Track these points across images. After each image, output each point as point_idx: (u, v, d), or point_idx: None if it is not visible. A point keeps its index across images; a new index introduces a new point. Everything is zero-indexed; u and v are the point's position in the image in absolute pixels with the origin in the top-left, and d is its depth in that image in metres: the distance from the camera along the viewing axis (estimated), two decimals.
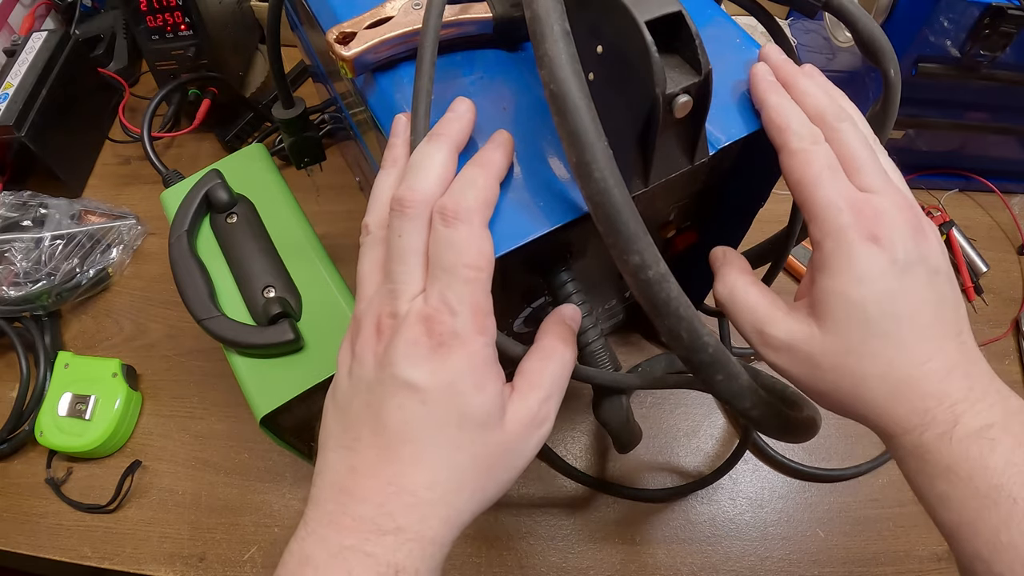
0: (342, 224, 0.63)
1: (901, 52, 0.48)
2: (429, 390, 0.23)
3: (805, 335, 0.26)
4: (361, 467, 0.24)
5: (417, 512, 0.23)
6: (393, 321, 0.24)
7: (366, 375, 0.25)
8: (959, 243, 0.63)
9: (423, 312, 0.24)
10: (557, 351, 0.28)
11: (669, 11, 0.24)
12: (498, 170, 0.26)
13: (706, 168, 0.38)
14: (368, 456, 0.24)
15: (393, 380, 0.23)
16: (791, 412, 0.29)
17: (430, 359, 0.23)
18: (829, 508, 0.51)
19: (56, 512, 0.50)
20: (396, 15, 0.32)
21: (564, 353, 0.28)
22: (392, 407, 0.24)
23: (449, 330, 0.23)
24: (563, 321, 0.29)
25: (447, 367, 0.23)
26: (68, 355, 0.53)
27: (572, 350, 0.28)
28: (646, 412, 0.55)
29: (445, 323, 0.23)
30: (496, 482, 0.25)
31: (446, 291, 0.23)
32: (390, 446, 0.24)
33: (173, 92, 0.63)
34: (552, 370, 0.27)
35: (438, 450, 0.24)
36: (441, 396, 0.23)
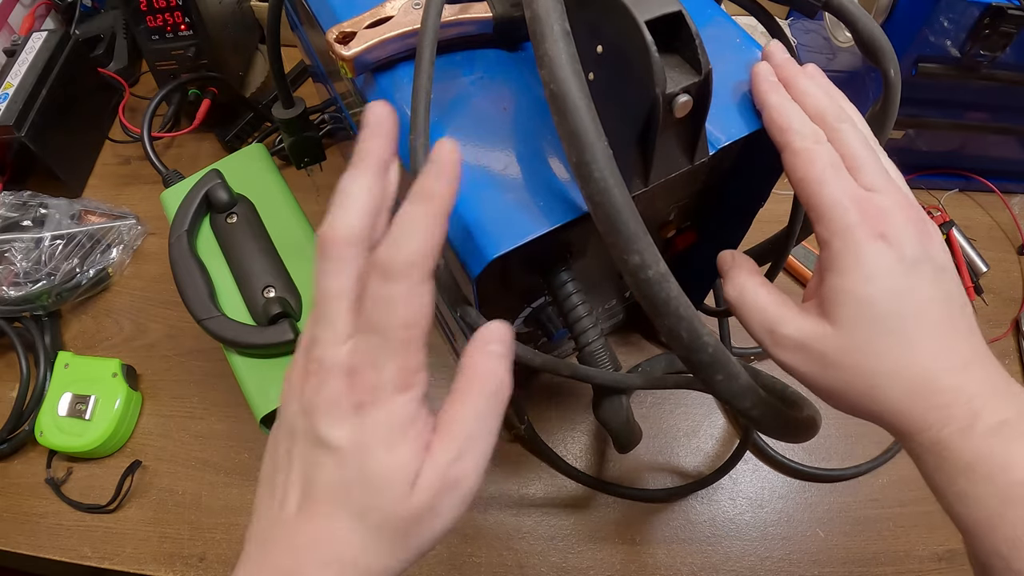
0: None
1: (901, 52, 0.48)
2: (344, 451, 0.22)
3: (817, 334, 0.26)
4: (283, 517, 0.23)
5: (330, 572, 0.22)
6: (318, 367, 0.23)
7: (291, 420, 0.24)
8: (959, 243, 0.63)
9: (348, 364, 0.22)
10: (472, 391, 0.24)
11: (669, 11, 0.24)
12: (444, 205, 0.22)
13: (706, 168, 0.38)
14: (290, 506, 0.23)
15: (314, 435, 0.22)
16: (791, 412, 0.29)
17: (349, 418, 0.22)
18: (829, 508, 0.51)
19: (56, 512, 0.50)
20: (396, 15, 0.32)
21: (481, 391, 0.24)
22: (311, 463, 0.23)
23: (371, 387, 0.22)
24: (483, 348, 0.25)
25: (364, 427, 0.22)
26: (68, 355, 0.53)
27: (495, 382, 0.24)
28: (646, 412, 0.55)
29: (367, 379, 0.22)
30: (410, 548, 0.23)
31: (375, 348, 0.22)
32: (308, 502, 0.23)
33: (173, 92, 0.63)
34: (465, 417, 0.24)
35: (350, 513, 0.22)
36: (354, 458, 0.22)
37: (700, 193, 0.40)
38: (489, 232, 0.28)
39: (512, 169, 0.30)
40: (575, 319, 0.33)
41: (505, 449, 0.53)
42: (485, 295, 0.35)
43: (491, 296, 0.36)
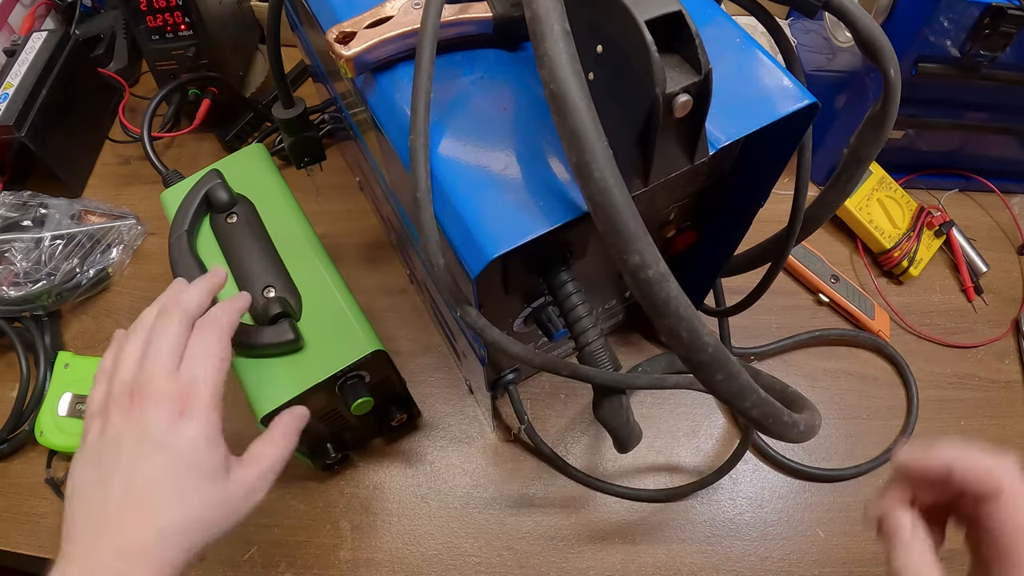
0: (342, 224, 0.63)
1: (901, 52, 0.48)
2: (172, 448, 0.30)
3: None
4: (108, 513, 0.28)
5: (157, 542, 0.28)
6: (148, 381, 0.31)
7: (119, 434, 0.30)
8: (959, 243, 0.63)
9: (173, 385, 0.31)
10: (279, 441, 0.34)
11: (669, 11, 0.24)
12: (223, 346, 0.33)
13: (706, 168, 0.38)
14: (114, 502, 0.29)
15: (143, 436, 0.30)
16: (791, 412, 0.29)
17: (176, 422, 0.30)
18: (829, 508, 0.51)
19: (56, 512, 0.50)
20: (396, 15, 0.32)
21: (286, 445, 0.35)
22: (142, 460, 0.29)
23: (192, 402, 0.31)
24: (295, 418, 0.36)
25: (188, 430, 0.30)
26: (68, 355, 0.53)
27: (292, 443, 0.35)
28: (646, 412, 0.55)
29: (189, 396, 0.31)
30: (218, 526, 0.30)
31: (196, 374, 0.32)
32: (136, 495, 0.29)
33: (173, 92, 0.63)
34: (272, 454, 0.34)
35: (179, 496, 0.29)
36: (184, 454, 0.30)
37: (700, 193, 0.40)
38: (489, 232, 0.28)
39: (512, 169, 0.30)
40: (575, 319, 0.33)
41: (505, 449, 0.53)
42: (485, 295, 0.35)
43: (491, 296, 0.36)
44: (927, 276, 0.63)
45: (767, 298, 0.44)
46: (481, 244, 0.28)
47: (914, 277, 0.62)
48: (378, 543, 0.49)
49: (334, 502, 0.51)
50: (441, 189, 0.30)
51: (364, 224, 0.64)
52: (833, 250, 0.64)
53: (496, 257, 0.27)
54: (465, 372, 0.54)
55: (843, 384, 0.57)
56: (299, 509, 0.50)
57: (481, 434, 0.54)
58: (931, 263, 0.63)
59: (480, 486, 0.51)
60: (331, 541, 0.49)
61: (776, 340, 0.57)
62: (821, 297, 0.60)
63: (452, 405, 0.55)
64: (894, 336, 0.59)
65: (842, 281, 0.60)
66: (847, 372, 0.57)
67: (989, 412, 0.56)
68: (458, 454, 0.53)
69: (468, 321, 0.30)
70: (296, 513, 0.50)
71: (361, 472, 0.52)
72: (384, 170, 0.44)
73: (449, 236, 0.30)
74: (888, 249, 0.61)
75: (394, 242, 0.61)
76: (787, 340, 0.57)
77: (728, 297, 0.55)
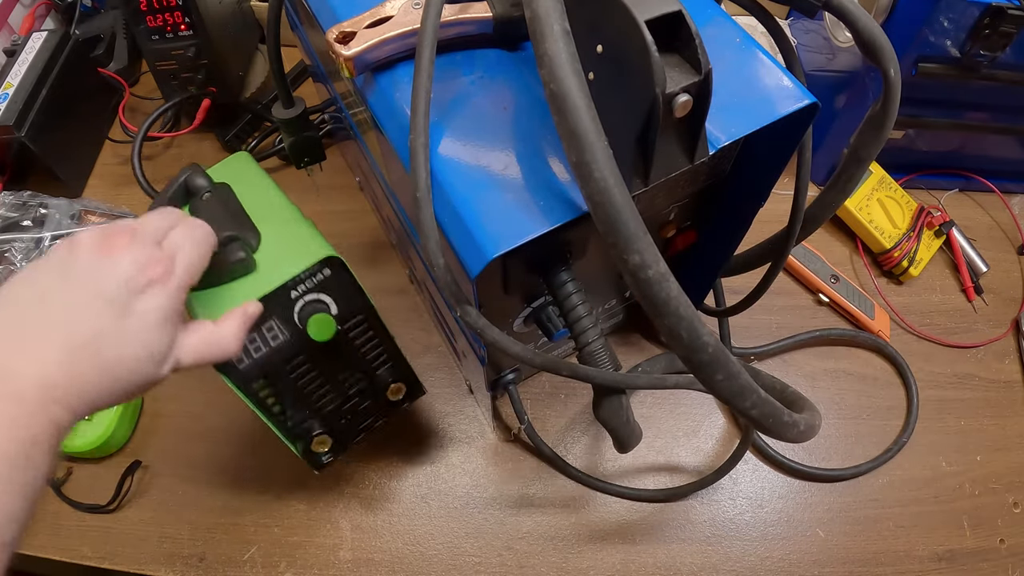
0: (342, 224, 0.63)
1: (901, 52, 0.48)
2: (126, 313, 0.28)
3: None
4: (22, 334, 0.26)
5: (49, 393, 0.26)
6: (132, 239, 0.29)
7: (80, 267, 0.28)
8: (959, 243, 0.63)
9: (158, 252, 0.30)
10: (223, 328, 0.32)
11: (669, 10, 0.24)
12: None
13: (706, 168, 0.38)
14: (31, 330, 0.26)
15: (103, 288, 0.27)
16: (791, 412, 0.29)
17: (144, 287, 0.28)
18: (829, 508, 0.51)
19: (56, 512, 0.50)
20: (396, 14, 0.32)
21: (231, 334, 0.32)
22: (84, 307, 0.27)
23: (166, 273, 0.29)
24: (243, 311, 0.33)
25: (151, 303, 0.28)
26: None
27: (237, 336, 0.32)
28: (646, 412, 0.55)
29: (167, 266, 0.29)
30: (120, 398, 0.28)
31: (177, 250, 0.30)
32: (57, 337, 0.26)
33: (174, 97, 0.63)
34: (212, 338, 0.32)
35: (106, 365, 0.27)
36: (131, 323, 0.28)
37: (700, 193, 0.40)
38: (489, 232, 0.28)
39: (512, 169, 0.30)
40: (575, 319, 0.33)
41: (505, 449, 0.53)
42: (485, 295, 0.35)
43: (491, 296, 0.36)
44: (927, 276, 0.63)
45: (767, 298, 0.44)
46: (481, 244, 0.28)
47: (914, 277, 0.62)
48: (378, 543, 0.49)
49: (334, 502, 0.51)
50: (441, 189, 0.30)
51: (364, 224, 0.64)
52: (833, 250, 0.64)
53: (496, 257, 0.27)
54: (465, 372, 0.54)
55: (843, 384, 0.57)
56: (299, 509, 0.50)
57: (481, 434, 0.54)
58: (931, 263, 0.63)
59: (480, 486, 0.51)
60: (331, 541, 0.49)
61: (776, 340, 0.57)
62: (821, 297, 0.60)
63: (452, 405, 0.55)
64: (894, 336, 0.59)
65: (842, 281, 0.60)
66: (847, 372, 0.57)
67: (989, 412, 0.56)
68: (458, 454, 0.53)
69: (468, 321, 0.30)
70: (296, 513, 0.50)
71: (361, 472, 0.52)
72: (384, 170, 0.44)
73: (449, 236, 0.30)
74: (888, 249, 0.61)
75: (394, 242, 0.61)
76: (787, 340, 0.57)
77: (728, 297, 0.55)
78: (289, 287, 0.36)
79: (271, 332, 0.37)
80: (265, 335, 0.37)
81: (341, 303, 0.38)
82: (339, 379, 0.41)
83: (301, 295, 0.37)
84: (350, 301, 0.39)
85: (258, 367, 0.37)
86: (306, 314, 0.36)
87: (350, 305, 0.39)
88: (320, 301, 0.37)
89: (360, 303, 0.39)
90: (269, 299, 0.36)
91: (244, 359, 0.37)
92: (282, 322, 0.37)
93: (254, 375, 0.38)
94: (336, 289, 0.38)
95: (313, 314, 0.36)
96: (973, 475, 0.53)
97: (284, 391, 0.39)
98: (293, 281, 0.36)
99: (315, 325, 0.36)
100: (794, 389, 0.37)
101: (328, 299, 0.38)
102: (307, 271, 0.36)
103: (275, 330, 0.37)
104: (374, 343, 0.42)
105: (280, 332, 0.37)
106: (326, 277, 0.37)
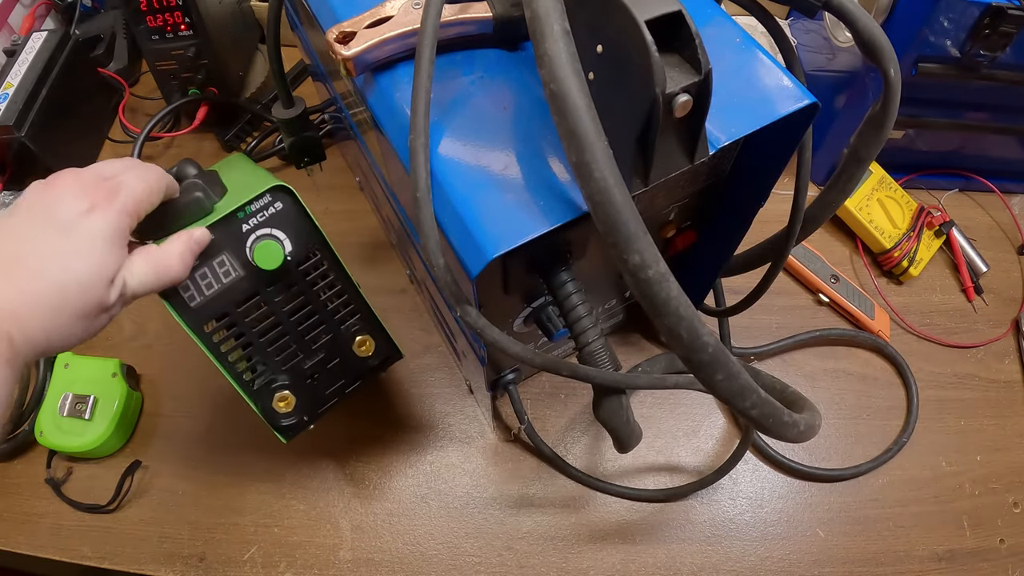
0: (342, 224, 0.63)
1: (901, 52, 0.48)
2: (72, 227, 0.29)
3: None
4: None
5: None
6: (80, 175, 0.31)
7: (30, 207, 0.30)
8: (959, 243, 0.63)
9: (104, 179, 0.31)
10: (168, 248, 0.33)
11: (669, 10, 0.24)
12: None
13: (706, 168, 0.38)
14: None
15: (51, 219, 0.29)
16: (791, 412, 0.29)
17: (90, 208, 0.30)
18: (829, 508, 0.51)
19: (56, 512, 0.50)
20: (396, 14, 0.32)
21: (178, 256, 0.33)
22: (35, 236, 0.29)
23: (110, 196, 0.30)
24: (190, 235, 0.34)
25: (96, 223, 0.30)
26: (68, 355, 0.53)
27: (184, 260, 0.33)
28: (646, 412, 0.55)
29: (111, 189, 0.31)
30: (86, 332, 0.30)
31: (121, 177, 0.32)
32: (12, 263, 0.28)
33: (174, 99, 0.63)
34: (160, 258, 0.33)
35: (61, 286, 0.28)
36: (81, 243, 0.29)
37: (700, 193, 0.40)
38: (489, 232, 0.28)
39: (512, 169, 0.30)
40: (575, 319, 0.33)
41: (505, 449, 0.53)
42: (485, 295, 0.35)
43: (491, 296, 0.36)
44: (927, 276, 0.63)
45: (767, 298, 0.44)
46: (481, 244, 0.28)
47: (914, 277, 0.62)
48: (378, 543, 0.49)
49: (334, 502, 0.51)
50: (441, 189, 0.30)
51: (364, 224, 0.64)
52: (833, 250, 0.64)
53: (496, 257, 0.27)
54: (465, 372, 0.54)
55: (843, 384, 0.57)
56: (299, 509, 0.50)
57: (481, 434, 0.54)
58: (931, 263, 0.63)
59: (480, 486, 0.51)
60: (331, 541, 0.49)
61: (776, 340, 0.57)
62: (821, 297, 0.60)
63: (452, 405, 0.55)
64: (894, 336, 0.59)
65: (842, 281, 0.60)
66: (847, 372, 0.57)
67: (989, 412, 0.56)
68: (458, 454, 0.53)
69: (468, 321, 0.30)
70: (296, 513, 0.50)
71: (361, 472, 0.52)
72: (384, 170, 0.44)
73: (449, 236, 0.30)
74: (888, 249, 0.61)
75: (394, 242, 0.61)
76: (787, 340, 0.57)
77: (728, 297, 0.55)
78: (240, 220, 0.36)
79: (223, 267, 0.37)
80: (217, 270, 0.36)
81: (294, 239, 0.38)
82: (300, 329, 0.40)
83: (253, 229, 0.37)
84: (303, 236, 0.38)
85: (211, 306, 0.37)
86: (255, 246, 0.36)
87: (303, 239, 0.38)
88: (273, 236, 0.37)
89: (314, 238, 0.38)
90: (218, 228, 0.36)
91: (196, 296, 0.36)
92: (234, 258, 0.37)
93: (207, 314, 0.37)
94: (289, 225, 0.37)
95: (263, 245, 0.36)
96: (973, 475, 0.53)
97: (242, 339, 0.38)
98: (244, 214, 0.36)
99: (261, 252, 0.36)
100: (794, 389, 0.37)
101: (281, 234, 0.37)
102: (256, 200, 0.36)
103: (227, 265, 0.37)
104: (336, 290, 0.40)
105: (232, 268, 0.37)
106: (278, 211, 0.37)
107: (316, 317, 0.40)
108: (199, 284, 0.36)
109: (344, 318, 0.41)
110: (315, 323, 0.40)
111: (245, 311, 0.38)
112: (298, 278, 0.38)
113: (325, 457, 0.52)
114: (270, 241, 0.36)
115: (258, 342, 0.39)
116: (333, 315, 0.41)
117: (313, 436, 0.52)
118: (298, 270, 0.38)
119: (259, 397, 0.40)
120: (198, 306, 0.36)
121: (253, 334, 0.39)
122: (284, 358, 0.40)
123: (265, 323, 0.39)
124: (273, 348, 0.39)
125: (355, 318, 0.41)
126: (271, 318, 0.39)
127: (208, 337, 0.37)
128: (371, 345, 0.42)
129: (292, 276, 0.38)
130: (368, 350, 0.42)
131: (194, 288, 0.36)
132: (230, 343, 0.38)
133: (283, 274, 0.38)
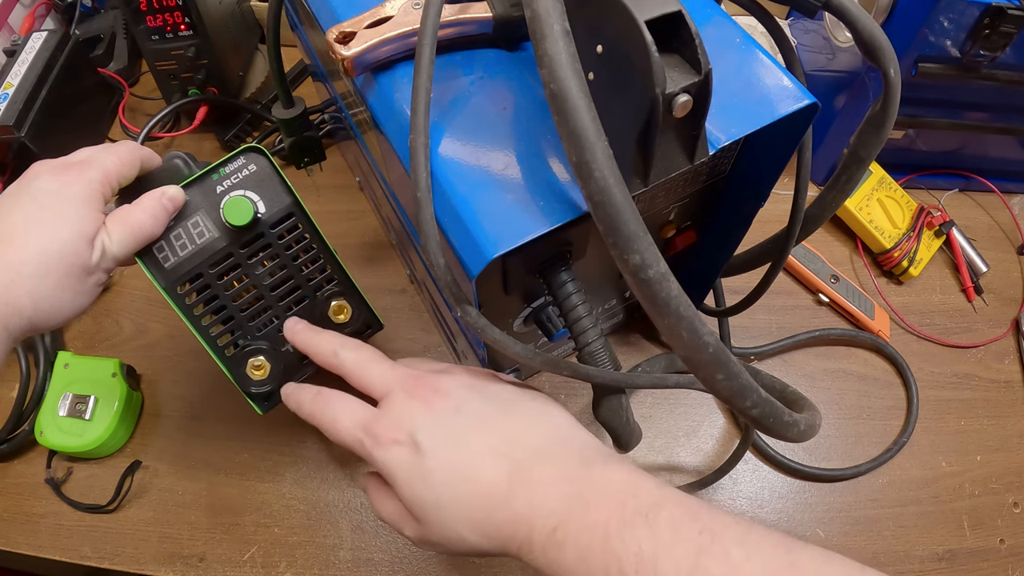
0: (343, 224, 0.63)
1: (901, 52, 0.48)
2: (51, 204, 0.32)
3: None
4: None
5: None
6: None
7: (9, 191, 0.33)
8: (959, 243, 0.63)
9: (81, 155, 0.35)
10: (142, 205, 0.34)
11: (669, 11, 0.24)
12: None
13: (706, 168, 0.38)
14: None
15: (26, 194, 0.33)
16: (791, 412, 0.29)
17: (60, 172, 0.33)
18: (829, 508, 0.51)
19: (56, 512, 0.50)
20: (396, 14, 0.32)
21: (152, 213, 0.34)
22: (14, 210, 0.32)
23: (81, 164, 0.34)
24: (163, 192, 0.35)
25: (71, 190, 0.32)
26: (68, 355, 0.53)
27: (157, 218, 0.35)
28: (646, 412, 0.55)
29: (83, 160, 0.34)
30: (70, 306, 0.32)
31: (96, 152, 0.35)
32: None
33: (174, 99, 0.63)
34: (139, 211, 0.34)
35: (41, 248, 0.31)
36: (60, 209, 0.32)
37: (700, 193, 0.40)
38: (489, 232, 0.28)
39: (512, 169, 0.30)
40: (575, 319, 0.33)
41: None
42: (485, 295, 0.35)
43: (491, 296, 0.36)
44: (927, 276, 0.63)
45: (767, 298, 0.44)
46: (481, 244, 0.28)
47: (914, 277, 0.62)
48: (378, 543, 0.49)
49: (334, 502, 0.51)
50: (441, 189, 0.30)
51: (364, 224, 0.64)
52: (833, 250, 0.64)
53: (496, 257, 0.27)
54: None
55: (843, 384, 0.57)
56: (299, 509, 0.50)
57: None
58: (931, 263, 0.63)
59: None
60: (331, 541, 0.49)
61: (776, 340, 0.57)
62: (821, 297, 0.60)
63: None
64: (894, 336, 0.59)
65: (842, 281, 0.60)
66: (847, 372, 0.57)
67: (989, 412, 0.56)
68: None
69: (468, 321, 0.30)
70: (296, 513, 0.50)
71: (361, 472, 0.52)
72: (384, 170, 0.44)
73: (449, 236, 0.30)
74: (888, 249, 0.61)
75: (394, 242, 0.61)
76: (787, 340, 0.57)
77: (728, 297, 0.55)
78: (215, 181, 0.37)
79: (197, 228, 0.37)
80: (191, 231, 0.37)
81: (268, 200, 0.38)
82: (275, 294, 0.40)
83: (228, 190, 0.37)
84: (276, 197, 0.38)
85: (184, 266, 0.37)
86: (229, 204, 0.37)
87: (277, 202, 0.38)
88: (246, 197, 0.37)
89: (287, 199, 0.39)
90: (192, 189, 0.37)
91: (170, 256, 0.37)
92: (208, 219, 0.37)
93: (180, 275, 0.37)
94: (263, 186, 0.38)
95: (234, 202, 0.37)
96: (973, 475, 0.53)
97: (216, 302, 0.38)
98: (218, 175, 0.37)
99: (231, 208, 0.36)
100: (794, 389, 0.37)
101: (255, 196, 0.38)
102: (230, 160, 0.37)
103: (201, 226, 0.37)
104: (311, 254, 0.40)
105: (206, 229, 0.37)
106: (252, 172, 0.38)
107: (292, 282, 0.40)
108: (173, 245, 0.37)
109: (320, 284, 0.41)
110: (290, 288, 0.40)
111: (219, 273, 0.38)
112: (272, 240, 0.39)
113: (325, 457, 0.52)
114: (240, 197, 0.37)
115: (231, 305, 0.39)
116: (308, 280, 0.40)
117: (313, 436, 0.52)
118: (272, 232, 0.39)
119: (233, 363, 0.39)
120: (172, 266, 0.37)
121: (227, 296, 0.39)
122: (259, 323, 0.40)
123: (239, 286, 0.39)
124: (247, 312, 0.39)
125: (331, 284, 0.41)
126: (245, 280, 0.39)
127: (182, 299, 0.38)
128: (348, 312, 0.42)
129: (266, 238, 0.38)
130: (345, 317, 0.41)
131: (168, 249, 0.37)
132: (203, 306, 0.38)
133: (257, 236, 0.38)
